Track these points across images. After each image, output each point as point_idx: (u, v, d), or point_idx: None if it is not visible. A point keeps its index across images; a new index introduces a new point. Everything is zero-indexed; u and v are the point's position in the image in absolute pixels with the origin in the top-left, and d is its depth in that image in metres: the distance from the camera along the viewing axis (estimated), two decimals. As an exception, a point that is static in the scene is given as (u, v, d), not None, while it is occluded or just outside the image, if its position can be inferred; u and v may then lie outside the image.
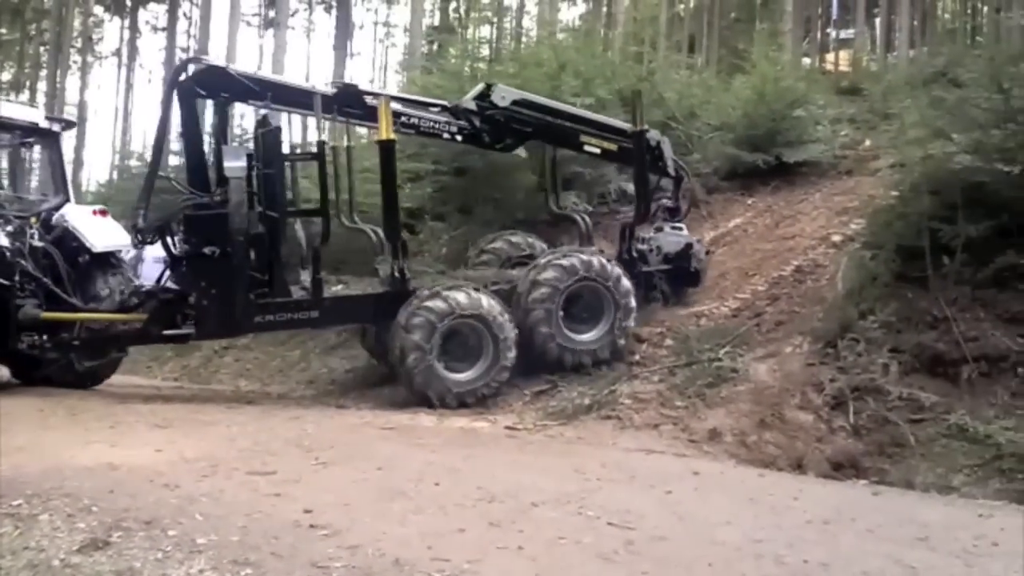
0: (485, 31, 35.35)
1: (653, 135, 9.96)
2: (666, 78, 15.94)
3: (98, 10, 38.78)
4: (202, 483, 4.77)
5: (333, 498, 4.52)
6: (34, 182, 14.17)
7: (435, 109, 9.42)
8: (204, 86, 8.40)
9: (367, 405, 8.58)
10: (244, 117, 13.62)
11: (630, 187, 10.88)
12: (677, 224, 10.18)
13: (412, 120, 9.05)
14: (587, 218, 10.10)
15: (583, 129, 9.65)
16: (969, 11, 29.92)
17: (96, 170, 42.21)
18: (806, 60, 25.60)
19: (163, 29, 38.73)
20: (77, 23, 33.90)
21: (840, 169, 12.54)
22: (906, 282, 7.72)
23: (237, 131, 12.96)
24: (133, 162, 22.26)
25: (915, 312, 7.46)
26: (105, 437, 6.18)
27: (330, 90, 8.91)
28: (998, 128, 7.43)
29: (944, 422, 6.44)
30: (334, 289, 9.31)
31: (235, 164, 8.03)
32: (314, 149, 8.66)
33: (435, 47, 25.29)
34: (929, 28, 28.46)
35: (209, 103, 8.92)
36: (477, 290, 8.43)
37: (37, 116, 10.17)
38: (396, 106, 8.83)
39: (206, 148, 8.91)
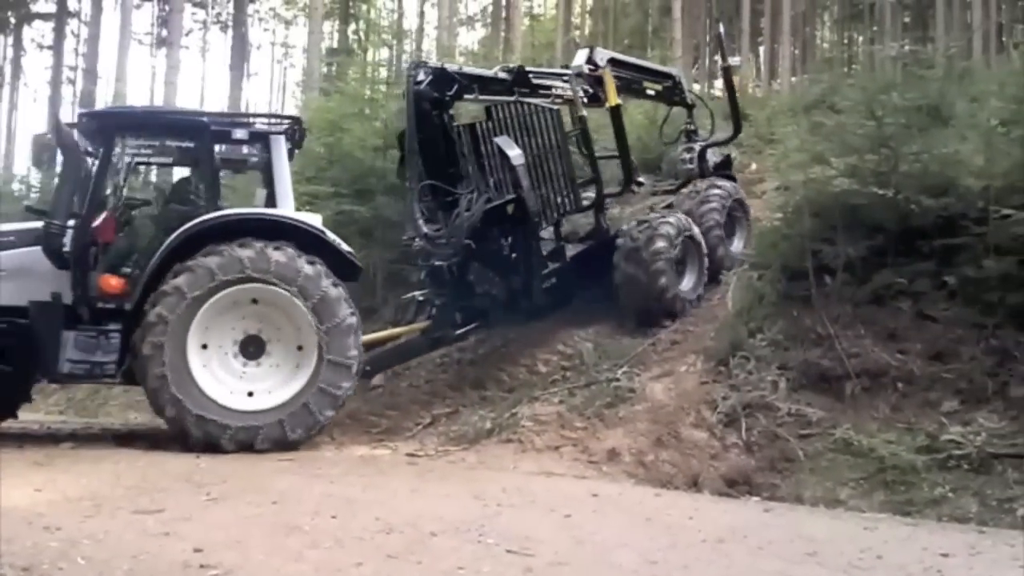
0: (384, 54, 35.30)
1: (674, 71, 11.73)
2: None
3: (-21, 28, 37.07)
4: (85, 524, 4.54)
5: (225, 535, 4.37)
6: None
7: (564, 78, 9.81)
8: (436, 88, 8.54)
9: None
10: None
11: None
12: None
13: (555, 91, 9.55)
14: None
15: (645, 77, 10.95)
16: (846, 41, 31.54)
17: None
18: (695, 86, 26.42)
19: (49, 47, 37.23)
20: (-44, 41, 32.30)
21: (729, 192, 12.92)
22: (792, 301, 8.03)
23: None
24: (15, 185, 20.82)
25: (801, 330, 7.76)
26: (-21, 477, 5.84)
27: (506, 75, 9.30)
28: (873, 153, 7.84)
29: (830, 437, 6.70)
30: None
31: (515, 152, 8.66)
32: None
33: (334, 69, 25.00)
34: (809, 57, 29.83)
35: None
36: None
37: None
38: (541, 80, 9.53)
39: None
